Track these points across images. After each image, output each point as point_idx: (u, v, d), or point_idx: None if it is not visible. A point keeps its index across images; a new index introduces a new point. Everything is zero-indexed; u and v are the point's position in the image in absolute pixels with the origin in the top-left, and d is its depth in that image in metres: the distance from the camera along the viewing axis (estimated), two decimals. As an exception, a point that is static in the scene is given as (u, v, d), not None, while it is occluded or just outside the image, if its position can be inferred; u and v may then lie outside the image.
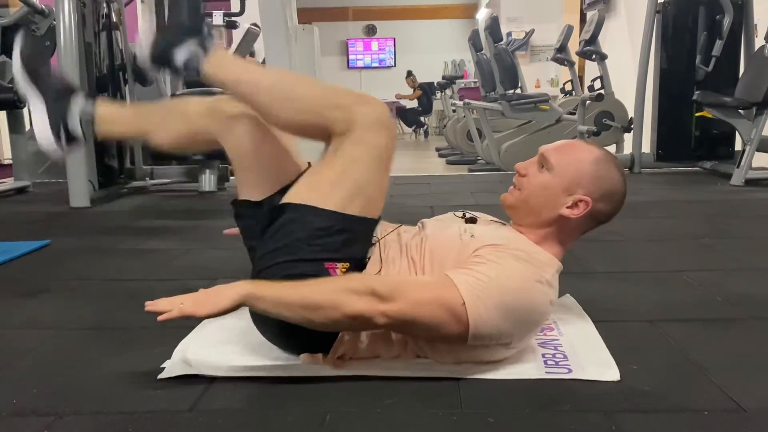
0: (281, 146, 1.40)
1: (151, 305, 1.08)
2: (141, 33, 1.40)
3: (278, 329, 1.24)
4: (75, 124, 1.46)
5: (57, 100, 1.46)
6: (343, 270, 1.22)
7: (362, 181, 1.25)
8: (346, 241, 1.23)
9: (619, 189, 1.28)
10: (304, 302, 1.09)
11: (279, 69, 1.38)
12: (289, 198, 1.27)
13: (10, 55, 4.15)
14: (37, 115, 1.46)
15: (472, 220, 1.34)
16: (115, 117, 1.51)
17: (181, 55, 1.35)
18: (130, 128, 1.53)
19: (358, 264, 1.25)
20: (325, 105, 1.28)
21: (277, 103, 1.30)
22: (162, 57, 1.36)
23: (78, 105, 1.47)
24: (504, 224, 1.36)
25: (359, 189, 1.25)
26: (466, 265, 1.17)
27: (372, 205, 1.27)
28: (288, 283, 1.13)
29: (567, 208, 1.25)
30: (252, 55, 6.57)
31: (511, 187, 1.33)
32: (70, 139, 1.48)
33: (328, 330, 1.18)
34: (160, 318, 1.06)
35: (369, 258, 1.28)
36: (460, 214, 1.38)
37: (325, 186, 1.25)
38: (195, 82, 4.54)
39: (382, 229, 1.36)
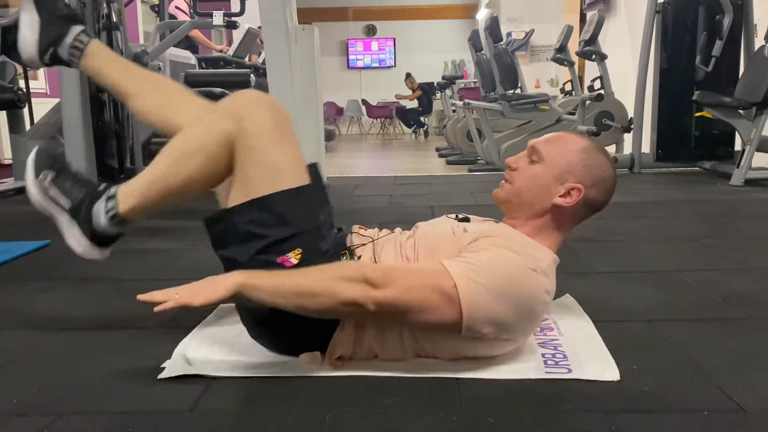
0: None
1: (144, 296, 1.09)
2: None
3: (271, 332, 1.26)
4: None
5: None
6: (297, 256, 1.22)
7: (258, 164, 1.24)
8: (274, 221, 1.23)
9: (609, 175, 1.30)
10: (299, 290, 1.11)
11: (160, 153, 1.33)
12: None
13: (9, 55, 4.16)
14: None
15: (465, 220, 1.35)
16: (106, 56, 1.48)
17: (102, 220, 1.30)
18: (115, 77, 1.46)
19: (310, 242, 1.24)
20: (206, 131, 1.27)
21: (184, 168, 1.28)
22: (95, 237, 1.32)
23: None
24: (497, 222, 1.37)
25: (255, 172, 1.24)
26: (459, 255, 1.18)
27: (280, 178, 1.25)
28: (283, 272, 1.15)
29: (560, 197, 1.27)
30: (259, 55, 6.58)
31: (502, 181, 1.34)
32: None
33: (323, 317, 1.17)
34: (156, 309, 1.07)
35: (359, 258, 1.28)
36: (453, 216, 1.39)
37: (232, 188, 1.27)
38: (195, 82, 4.55)
39: (373, 233, 1.37)
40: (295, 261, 1.22)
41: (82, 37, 1.45)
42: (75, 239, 1.33)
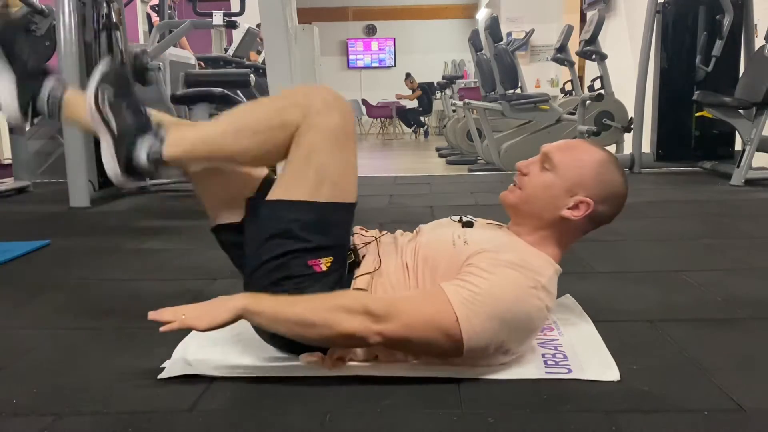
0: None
1: (154, 314, 1.11)
2: (105, 159, 1.32)
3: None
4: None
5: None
6: (327, 264, 1.22)
7: (324, 166, 1.22)
8: (323, 228, 1.22)
9: (621, 192, 1.26)
10: (298, 319, 1.11)
11: (224, 115, 1.29)
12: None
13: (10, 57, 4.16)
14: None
15: (469, 224, 1.34)
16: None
17: (142, 154, 1.28)
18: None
19: (342, 255, 1.25)
20: (275, 114, 1.25)
21: (240, 141, 1.26)
22: (129, 167, 1.29)
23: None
24: (501, 226, 1.35)
25: (323, 174, 1.22)
26: (459, 276, 1.16)
27: (341, 188, 1.24)
28: (285, 299, 1.14)
29: (568, 209, 1.24)
30: (258, 53, 6.59)
31: (512, 185, 1.31)
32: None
33: (325, 345, 1.19)
34: (162, 329, 1.10)
35: (363, 257, 1.28)
36: (457, 218, 1.37)
37: (290, 179, 1.24)
38: (195, 82, 4.55)
39: (375, 234, 1.36)
40: (324, 268, 1.22)
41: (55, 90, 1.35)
42: (110, 165, 1.31)
